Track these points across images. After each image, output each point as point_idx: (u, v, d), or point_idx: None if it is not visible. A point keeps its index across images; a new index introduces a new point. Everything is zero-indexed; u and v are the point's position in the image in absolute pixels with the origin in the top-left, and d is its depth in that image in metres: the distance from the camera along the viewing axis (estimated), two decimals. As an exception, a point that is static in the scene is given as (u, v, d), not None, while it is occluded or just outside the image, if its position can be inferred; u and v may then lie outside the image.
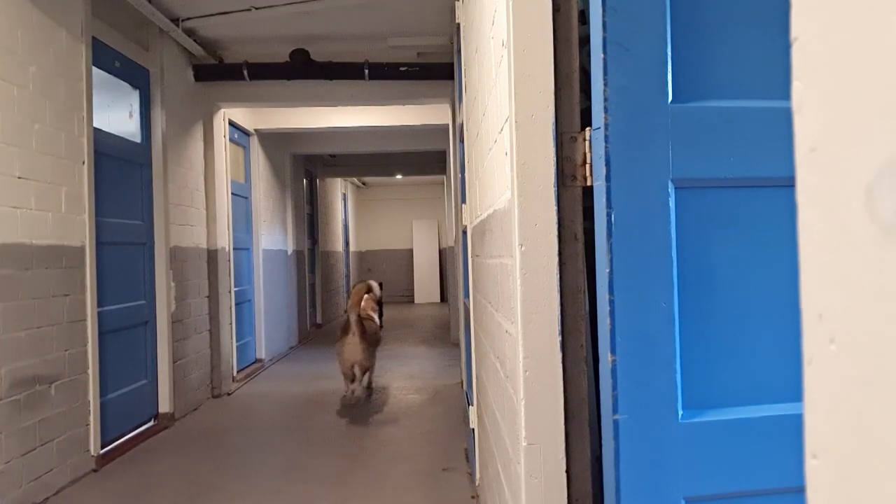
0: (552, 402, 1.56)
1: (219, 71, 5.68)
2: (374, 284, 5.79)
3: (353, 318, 5.23)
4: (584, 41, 1.48)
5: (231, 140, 6.53)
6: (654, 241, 1.36)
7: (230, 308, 6.16)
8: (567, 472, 1.56)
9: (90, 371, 3.86)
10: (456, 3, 3.79)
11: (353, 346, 5.22)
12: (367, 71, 5.52)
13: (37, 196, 3.43)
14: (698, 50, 1.38)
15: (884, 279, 0.34)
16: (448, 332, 9.42)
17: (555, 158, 1.54)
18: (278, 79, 5.68)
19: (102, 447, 4.00)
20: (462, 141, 3.86)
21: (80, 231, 3.82)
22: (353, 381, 5.35)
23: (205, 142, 5.82)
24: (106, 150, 4.25)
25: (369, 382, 5.70)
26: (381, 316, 6.39)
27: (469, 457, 3.81)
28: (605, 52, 1.34)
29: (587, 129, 1.50)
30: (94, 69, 4.08)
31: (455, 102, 5.28)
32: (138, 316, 4.67)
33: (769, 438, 1.36)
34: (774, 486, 1.36)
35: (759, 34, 1.39)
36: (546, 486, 1.55)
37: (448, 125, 6.65)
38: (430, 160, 10.80)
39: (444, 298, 15.41)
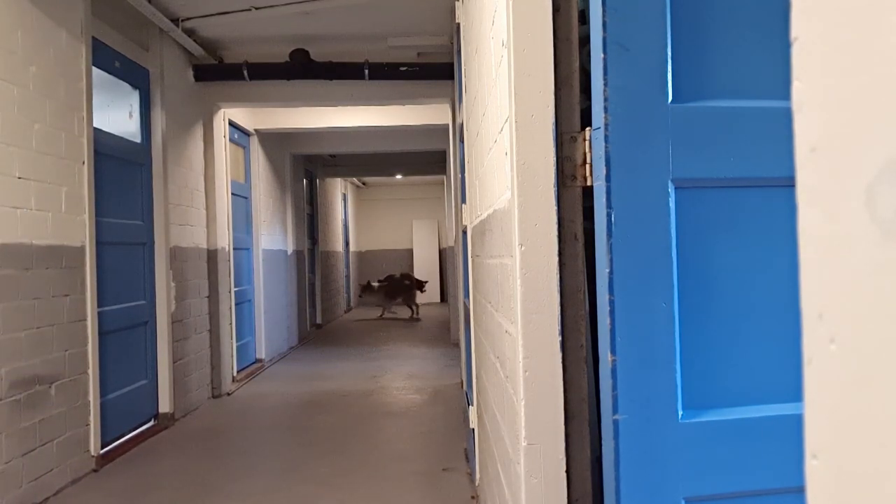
0: (552, 402, 1.56)
1: (219, 71, 5.68)
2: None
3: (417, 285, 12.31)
4: (584, 41, 1.48)
5: (231, 140, 6.53)
6: (654, 241, 1.36)
7: (230, 308, 6.16)
8: (567, 472, 1.56)
9: (90, 371, 3.86)
10: (456, 3, 3.79)
11: (415, 293, 12.18)
12: (367, 71, 5.52)
13: (37, 196, 3.43)
14: (698, 50, 1.38)
15: (884, 279, 0.34)
16: (448, 332, 9.42)
17: (555, 158, 1.54)
18: (278, 79, 5.67)
19: (102, 447, 4.00)
20: (462, 141, 3.86)
21: (80, 231, 3.82)
22: (412, 310, 12.19)
23: (205, 142, 5.82)
24: (106, 150, 4.25)
25: (417, 310, 12.22)
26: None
27: (469, 457, 3.81)
28: (605, 52, 1.34)
29: (587, 129, 1.50)
30: (94, 69, 4.08)
31: (455, 102, 5.28)
32: (138, 316, 4.67)
33: (769, 438, 1.36)
34: (774, 486, 1.36)
35: (759, 34, 1.39)
36: (546, 486, 1.55)
37: (448, 125, 6.65)
38: (430, 160, 10.80)
39: (444, 298, 15.39)
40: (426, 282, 14.28)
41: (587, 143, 1.51)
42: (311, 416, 5.19)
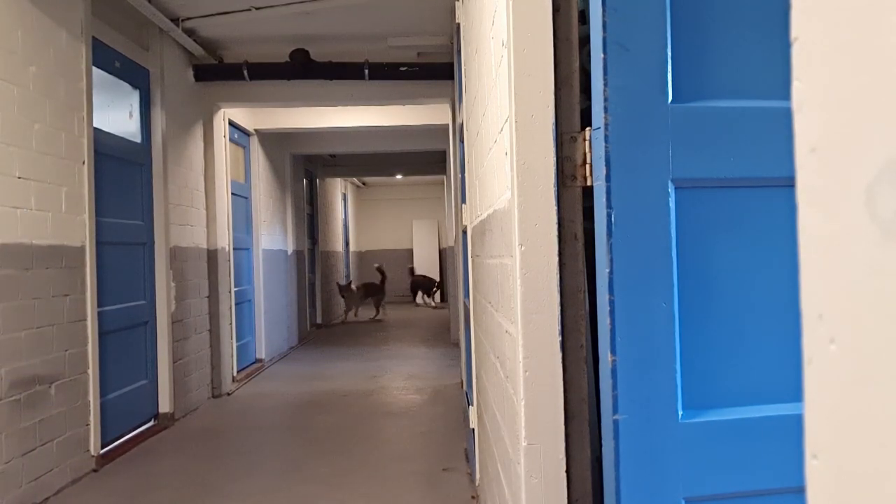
0: (552, 402, 1.56)
1: (219, 71, 5.68)
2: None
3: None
4: (584, 41, 1.48)
5: (231, 140, 6.53)
6: (654, 241, 1.36)
7: (230, 308, 6.16)
8: (567, 472, 1.56)
9: (90, 371, 3.86)
10: (456, 3, 3.79)
11: (384, 295, 12.21)
12: (367, 71, 5.52)
13: (37, 196, 3.43)
14: (698, 50, 1.38)
15: (884, 279, 0.34)
16: (448, 332, 9.42)
17: (555, 158, 1.54)
18: (278, 79, 5.67)
19: (102, 447, 4.00)
20: (462, 141, 3.86)
21: (80, 231, 3.82)
22: (377, 311, 12.07)
23: (205, 142, 5.82)
24: (106, 150, 4.25)
25: (381, 311, 12.19)
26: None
27: (469, 457, 3.81)
28: (605, 52, 1.34)
29: (587, 129, 1.50)
30: (94, 69, 4.08)
31: (455, 102, 5.28)
32: (138, 316, 4.67)
33: (769, 438, 1.36)
34: (774, 486, 1.36)
35: (759, 34, 1.39)
36: (546, 486, 1.55)
37: (448, 125, 6.65)
38: (430, 160, 10.80)
39: (444, 298, 15.39)
40: (437, 281, 14.23)
41: (587, 143, 1.51)
42: (311, 416, 5.19)
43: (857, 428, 0.36)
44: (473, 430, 3.36)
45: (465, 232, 3.73)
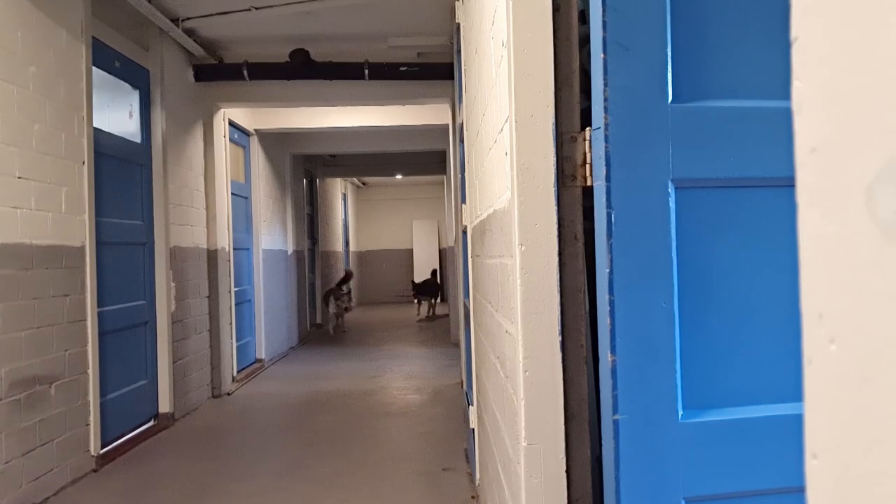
0: (552, 402, 1.56)
1: (219, 71, 5.68)
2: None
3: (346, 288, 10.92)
4: (584, 41, 1.48)
5: (231, 140, 6.53)
6: (654, 241, 1.36)
7: (230, 308, 6.16)
8: (567, 472, 1.56)
9: (90, 371, 3.86)
10: (456, 3, 3.79)
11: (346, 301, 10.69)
12: (367, 71, 5.52)
13: (37, 196, 3.43)
14: (698, 50, 1.38)
15: (884, 279, 0.34)
16: (448, 332, 9.42)
17: (555, 158, 1.54)
18: (278, 79, 5.67)
19: (102, 447, 4.00)
20: (462, 141, 3.86)
21: (80, 231, 3.82)
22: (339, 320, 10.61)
23: (205, 142, 5.82)
24: (106, 150, 4.25)
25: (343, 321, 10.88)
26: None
27: (469, 457, 3.81)
28: (605, 51, 1.34)
29: (587, 129, 1.50)
30: (94, 69, 4.08)
31: (455, 102, 5.28)
32: (138, 316, 4.67)
33: (769, 438, 1.36)
34: (774, 486, 1.36)
35: (759, 34, 1.39)
36: (546, 486, 1.55)
37: (448, 125, 6.65)
38: (430, 160, 10.80)
39: (444, 298, 15.40)
40: (431, 280, 13.44)
41: (587, 143, 1.51)
42: (311, 416, 5.19)
43: (857, 428, 0.36)
44: (473, 430, 3.36)
45: (465, 232, 3.73)
